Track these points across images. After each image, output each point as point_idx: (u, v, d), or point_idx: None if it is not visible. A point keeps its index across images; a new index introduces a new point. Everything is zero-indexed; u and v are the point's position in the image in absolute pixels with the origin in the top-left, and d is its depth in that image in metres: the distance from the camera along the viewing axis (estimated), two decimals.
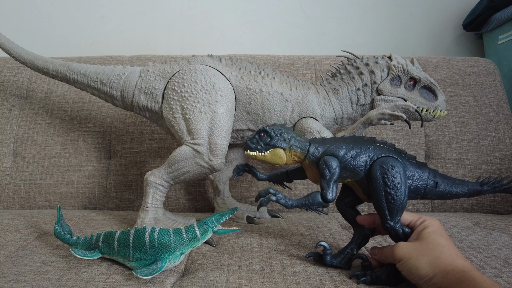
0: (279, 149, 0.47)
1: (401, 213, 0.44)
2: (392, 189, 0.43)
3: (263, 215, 0.79)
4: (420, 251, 0.41)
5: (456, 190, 0.46)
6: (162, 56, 1.06)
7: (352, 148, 0.46)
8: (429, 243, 0.41)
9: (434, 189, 0.46)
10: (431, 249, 0.41)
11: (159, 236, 0.46)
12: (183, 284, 0.46)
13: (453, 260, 0.39)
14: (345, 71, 0.71)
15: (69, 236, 0.54)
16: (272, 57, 1.07)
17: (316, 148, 0.47)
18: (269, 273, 0.47)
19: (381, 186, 0.43)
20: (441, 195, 0.46)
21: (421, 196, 0.46)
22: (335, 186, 0.45)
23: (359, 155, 0.45)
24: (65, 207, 0.93)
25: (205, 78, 0.66)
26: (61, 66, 0.76)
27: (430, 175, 0.46)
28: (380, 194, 0.43)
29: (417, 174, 0.45)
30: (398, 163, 0.44)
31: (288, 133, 0.48)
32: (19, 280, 0.46)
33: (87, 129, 0.99)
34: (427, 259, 0.40)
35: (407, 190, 0.44)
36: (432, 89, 0.69)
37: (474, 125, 0.98)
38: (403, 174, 0.43)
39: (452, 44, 1.32)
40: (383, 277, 0.44)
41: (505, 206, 0.92)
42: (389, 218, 0.44)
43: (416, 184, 0.45)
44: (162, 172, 0.64)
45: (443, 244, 0.41)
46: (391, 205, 0.43)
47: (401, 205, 0.43)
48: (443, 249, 0.40)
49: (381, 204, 0.44)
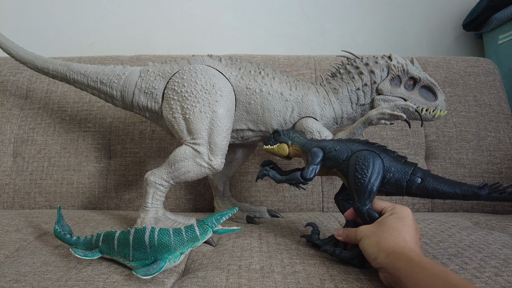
0: (284, 144, 0.61)
1: (369, 198, 0.48)
2: (359, 173, 0.48)
3: (263, 215, 0.79)
4: (372, 232, 0.43)
5: (446, 189, 0.46)
6: (162, 56, 1.06)
7: (338, 144, 0.54)
8: (384, 225, 0.43)
9: (418, 185, 0.47)
10: (382, 231, 0.42)
11: (159, 236, 0.46)
12: (183, 283, 0.46)
13: (396, 242, 0.40)
14: (345, 71, 0.71)
15: (69, 236, 0.54)
16: (272, 57, 1.07)
17: (310, 143, 0.58)
18: (269, 272, 0.47)
19: (352, 171, 0.49)
20: (427, 192, 0.47)
21: (405, 191, 0.48)
22: (315, 169, 0.54)
23: (342, 148, 0.53)
24: (65, 207, 0.93)
25: (205, 78, 0.66)
26: (61, 66, 0.76)
27: (416, 172, 0.48)
28: (351, 178, 0.49)
29: (399, 168, 0.48)
30: (375, 155, 0.49)
31: (293, 133, 0.62)
32: (19, 280, 0.46)
33: (87, 129, 0.99)
34: (375, 240, 0.42)
35: (378, 178, 0.48)
36: (432, 89, 0.69)
37: (474, 125, 0.98)
38: (375, 164, 0.48)
39: (452, 44, 1.32)
40: (347, 255, 0.48)
41: (505, 206, 0.92)
42: (357, 200, 0.48)
43: (397, 177, 0.48)
44: (162, 172, 0.64)
45: (396, 227, 0.42)
46: (358, 188, 0.48)
47: (368, 190, 0.48)
48: (392, 232, 0.42)
49: (351, 187, 0.49)
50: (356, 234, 0.46)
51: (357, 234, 0.45)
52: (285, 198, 0.93)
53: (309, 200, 0.93)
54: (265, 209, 0.81)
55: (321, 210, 0.93)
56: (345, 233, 0.49)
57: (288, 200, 0.93)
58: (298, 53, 1.20)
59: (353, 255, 0.48)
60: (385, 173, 0.49)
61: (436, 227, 0.67)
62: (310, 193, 0.93)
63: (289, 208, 0.93)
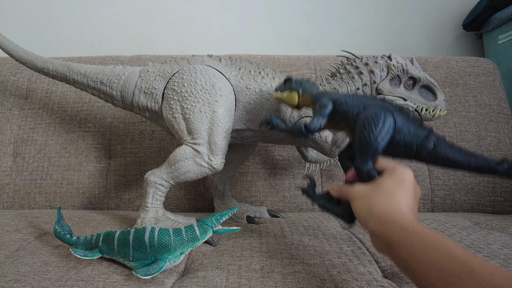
0: (294, 92, 0.57)
1: (372, 157, 0.44)
2: (366, 129, 0.44)
3: (263, 215, 0.79)
4: (365, 194, 0.39)
5: (459, 158, 0.42)
6: (162, 56, 1.06)
7: (351, 98, 0.49)
8: (379, 188, 0.39)
9: (429, 150, 0.43)
10: (375, 194, 0.39)
11: (159, 236, 0.46)
12: (183, 283, 0.46)
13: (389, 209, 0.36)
14: (345, 70, 0.71)
15: (69, 236, 0.55)
16: (272, 57, 1.07)
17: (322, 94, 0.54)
18: (269, 272, 0.47)
19: (360, 127, 0.45)
20: (438, 159, 0.43)
21: (414, 155, 0.44)
22: (321, 121, 0.50)
23: (354, 103, 0.48)
24: (65, 207, 0.93)
25: (205, 78, 0.66)
26: (61, 66, 0.76)
27: (430, 137, 0.44)
28: (357, 133, 0.45)
29: (412, 131, 0.44)
30: (387, 113, 0.45)
31: (305, 83, 0.58)
32: (19, 279, 0.46)
33: (87, 129, 0.99)
34: (367, 203, 0.38)
35: (385, 137, 0.44)
36: (432, 89, 0.69)
37: (474, 125, 0.98)
38: (386, 123, 0.44)
39: (452, 44, 1.32)
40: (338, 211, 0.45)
41: (505, 206, 0.92)
42: (358, 156, 0.44)
43: (408, 139, 0.44)
44: (162, 172, 0.64)
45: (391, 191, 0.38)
46: (362, 145, 0.44)
47: (373, 148, 0.43)
48: (386, 196, 0.38)
49: (355, 143, 0.45)
50: (349, 193, 0.42)
51: (350, 193, 0.42)
52: (285, 198, 0.93)
53: (309, 200, 0.93)
54: (265, 209, 0.81)
55: (321, 210, 0.93)
56: (339, 189, 0.45)
57: (288, 200, 0.93)
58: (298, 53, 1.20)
59: (344, 212, 0.45)
60: (395, 133, 0.44)
61: (436, 227, 0.67)
62: None
63: (289, 208, 0.93)
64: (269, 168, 0.95)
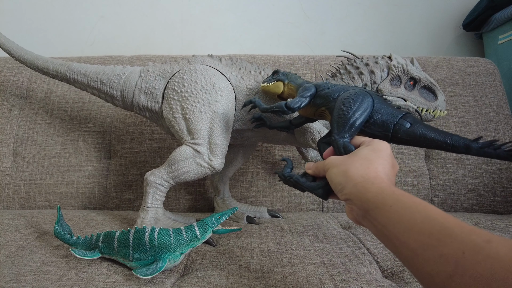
0: (280, 82, 0.61)
1: (349, 131, 0.45)
2: (345, 106, 0.46)
3: (263, 215, 0.80)
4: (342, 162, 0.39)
5: (435, 136, 0.43)
6: (162, 56, 1.06)
7: (334, 85, 0.52)
8: (356, 156, 0.39)
9: (405, 129, 0.44)
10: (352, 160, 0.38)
11: (159, 236, 0.46)
12: (183, 283, 0.46)
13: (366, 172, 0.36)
14: (345, 71, 0.71)
15: (69, 236, 0.55)
16: (272, 57, 1.07)
17: (306, 83, 0.57)
18: (269, 272, 0.47)
19: (339, 104, 0.47)
20: (414, 137, 0.44)
21: (391, 134, 0.45)
22: (301, 101, 0.52)
23: (336, 88, 0.51)
24: (65, 207, 0.93)
25: (205, 78, 0.66)
26: (61, 66, 0.76)
27: (406, 117, 0.45)
28: (336, 110, 0.47)
29: (389, 111, 0.46)
30: (366, 95, 0.47)
31: (292, 75, 0.61)
32: (19, 280, 0.46)
33: (87, 129, 0.99)
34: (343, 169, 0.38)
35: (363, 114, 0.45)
36: (432, 89, 0.69)
37: (474, 125, 0.98)
38: (364, 101, 0.46)
39: (452, 44, 1.32)
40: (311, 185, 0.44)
41: (505, 206, 0.92)
42: (336, 131, 0.45)
43: (385, 118, 0.45)
44: (162, 172, 0.64)
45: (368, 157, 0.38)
46: (340, 120, 0.45)
47: (350, 122, 0.45)
48: (363, 162, 0.37)
49: (333, 120, 0.47)
50: (324, 164, 0.41)
51: (326, 163, 0.41)
52: (285, 198, 0.93)
53: (309, 200, 0.93)
54: (265, 209, 0.81)
55: (321, 210, 0.93)
56: (315, 165, 0.45)
57: (288, 200, 0.93)
58: (298, 53, 1.20)
59: (318, 185, 0.44)
60: (372, 113, 0.46)
61: None
62: (310, 193, 0.93)
63: (289, 208, 0.93)
64: (269, 168, 0.95)
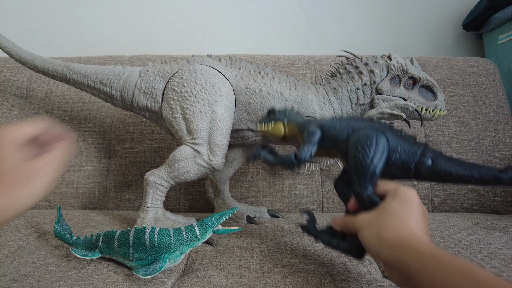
0: (280, 123, 0.55)
1: (371, 181, 0.42)
2: (360, 153, 0.42)
3: (263, 215, 0.79)
4: (372, 221, 0.37)
5: (461, 171, 0.39)
6: (162, 56, 1.06)
7: (338, 122, 0.48)
8: (385, 212, 0.37)
9: (428, 167, 0.41)
10: (383, 219, 0.36)
11: (159, 236, 0.46)
12: (183, 283, 0.46)
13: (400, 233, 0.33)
14: (345, 70, 0.71)
15: (69, 236, 0.55)
16: (272, 57, 1.07)
17: (308, 122, 0.52)
18: (269, 272, 0.47)
19: (352, 151, 0.43)
20: (439, 175, 0.40)
21: (414, 174, 0.42)
22: (310, 149, 0.48)
23: (342, 127, 0.47)
24: (65, 207, 0.93)
25: (204, 78, 0.66)
26: (61, 66, 0.76)
27: (426, 153, 0.41)
28: (351, 158, 0.43)
29: (407, 148, 0.42)
30: (379, 134, 0.43)
31: (289, 111, 0.56)
32: (19, 279, 0.46)
33: (87, 129, 0.99)
34: (376, 231, 0.35)
35: (381, 159, 0.42)
36: (432, 89, 0.69)
37: (474, 125, 0.98)
38: (379, 143, 0.42)
39: (452, 44, 1.32)
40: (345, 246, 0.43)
41: (505, 206, 0.92)
42: (356, 183, 0.42)
43: (404, 158, 0.42)
44: (162, 172, 0.64)
45: (399, 213, 0.36)
46: (359, 170, 0.42)
47: (370, 172, 0.41)
48: (394, 219, 0.35)
49: (351, 170, 0.43)
50: (354, 224, 0.39)
51: (355, 223, 0.39)
52: (285, 198, 0.93)
53: (309, 200, 0.93)
54: (265, 209, 0.81)
55: (321, 210, 0.93)
56: (342, 222, 0.43)
57: (288, 200, 0.93)
58: (298, 53, 1.20)
59: (351, 246, 0.42)
60: (390, 153, 0.42)
61: (436, 227, 0.67)
62: (310, 193, 0.93)
63: (289, 208, 0.93)
64: (269, 168, 0.95)
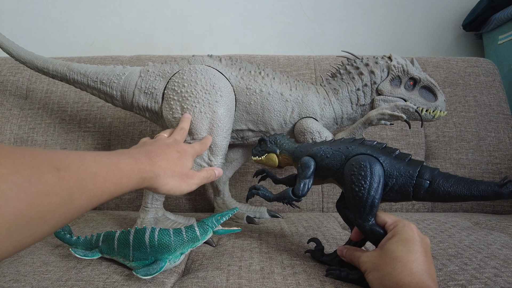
0: (272, 154, 0.55)
1: (371, 212, 0.42)
2: (356, 185, 0.42)
3: (263, 215, 0.79)
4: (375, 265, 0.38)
5: (460, 190, 0.39)
6: (162, 56, 1.06)
7: (330, 149, 0.48)
8: (387, 256, 0.38)
9: (426, 189, 0.40)
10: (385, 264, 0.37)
11: (159, 236, 0.46)
12: (183, 284, 0.46)
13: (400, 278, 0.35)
14: (345, 71, 0.71)
15: (69, 236, 0.54)
16: (272, 57, 1.07)
17: (300, 151, 0.52)
18: (269, 273, 0.47)
19: (348, 183, 0.43)
20: (438, 195, 0.40)
21: (413, 197, 0.42)
22: (307, 183, 0.48)
23: (335, 154, 0.46)
24: None
25: (205, 78, 0.66)
26: (61, 66, 0.76)
27: (423, 174, 0.41)
28: (348, 191, 0.43)
29: (403, 172, 0.41)
30: (372, 160, 0.42)
31: (280, 140, 0.55)
32: (19, 279, 0.46)
33: (87, 129, 0.99)
34: (379, 275, 0.37)
35: (378, 189, 0.41)
36: (432, 89, 0.69)
37: (474, 125, 0.98)
38: (374, 172, 0.41)
39: (452, 44, 1.32)
40: (354, 277, 0.43)
41: (505, 206, 0.92)
42: (357, 216, 0.43)
43: (401, 182, 0.41)
44: None
45: (399, 257, 0.36)
46: (358, 203, 0.42)
47: (369, 204, 0.41)
48: (395, 264, 0.36)
49: (349, 201, 0.43)
50: (359, 264, 0.41)
51: (360, 265, 0.41)
52: None
53: (309, 200, 0.93)
54: (265, 209, 0.81)
55: (321, 210, 0.93)
56: (348, 255, 0.45)
57: None
58: (298, 53, 1.20)
59: (361, 278, 0.42)
60: (386, 180, 0.42)
61: (436, 228, 0.67)
62: (310, 193, 0.93)
63: (289, 208, 0.93)
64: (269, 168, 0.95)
